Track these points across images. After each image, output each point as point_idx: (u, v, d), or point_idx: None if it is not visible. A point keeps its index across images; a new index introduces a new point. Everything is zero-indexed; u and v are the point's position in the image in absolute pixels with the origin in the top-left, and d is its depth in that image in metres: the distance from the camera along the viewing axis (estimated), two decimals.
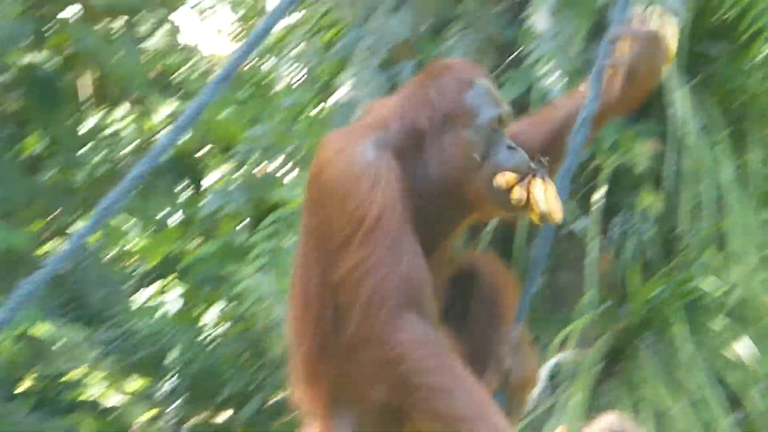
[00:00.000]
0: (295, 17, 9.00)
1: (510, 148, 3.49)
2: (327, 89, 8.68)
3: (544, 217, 3.48)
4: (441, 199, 3.51)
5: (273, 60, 10.14)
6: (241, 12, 13.98)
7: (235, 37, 13.96)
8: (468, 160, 3.47)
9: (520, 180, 3.46)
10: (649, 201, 7.75)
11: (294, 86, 9.12)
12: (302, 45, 8.80)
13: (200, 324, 13.10)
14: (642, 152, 7.62)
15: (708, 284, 7.83)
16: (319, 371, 3.53)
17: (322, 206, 3.45)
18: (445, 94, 3.51)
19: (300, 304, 3.53)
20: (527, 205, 3.47)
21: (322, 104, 8.99)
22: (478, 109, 3.50)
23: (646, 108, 7.26)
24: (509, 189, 3.46)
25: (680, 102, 7.61)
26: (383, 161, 3.39)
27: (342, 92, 8.02)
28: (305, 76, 8.91)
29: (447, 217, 3.55)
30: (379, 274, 3.32)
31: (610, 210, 7.82)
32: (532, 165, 3.49)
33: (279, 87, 9.96)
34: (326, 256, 3.45)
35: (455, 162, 3.48)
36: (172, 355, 12.58)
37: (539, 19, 7.54)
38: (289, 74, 9.03)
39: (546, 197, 3.47)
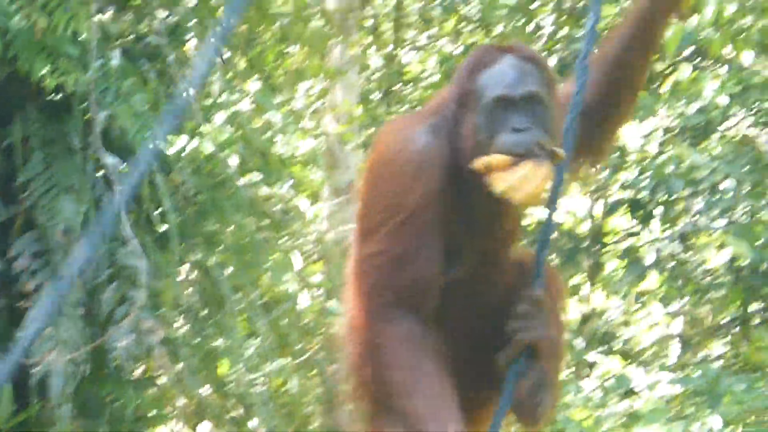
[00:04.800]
0: None
1: (515, 130, 3.38)
2: None
3: (505, 194, 3.37)
4: (474, 186, 3.45)
5: None
6: None
7: None
8: (475, 144, 3.42)
9: (514, 163, 3.36)
10: None
11: None
12: None
13: None
14: None
15: None
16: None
17: (370, 188, 3.52)
18: (463, 76, 3.50)
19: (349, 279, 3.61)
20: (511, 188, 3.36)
21: None
22: (484, 90, 3.43)
23: None
24: (492, 171, 3.36)
25: None
26: (433, 149, 3.41)
27: None
28: None
29: (486, 205, 3.48)
30: (391, 270, 3.39)
31: None
32: (534, 148, 3.36)
33: None
34: (358, 237, 3.52)
35: (467, 145, 3.44)
36: None
37: None
38: None
39: (520, 178, 3.34)
